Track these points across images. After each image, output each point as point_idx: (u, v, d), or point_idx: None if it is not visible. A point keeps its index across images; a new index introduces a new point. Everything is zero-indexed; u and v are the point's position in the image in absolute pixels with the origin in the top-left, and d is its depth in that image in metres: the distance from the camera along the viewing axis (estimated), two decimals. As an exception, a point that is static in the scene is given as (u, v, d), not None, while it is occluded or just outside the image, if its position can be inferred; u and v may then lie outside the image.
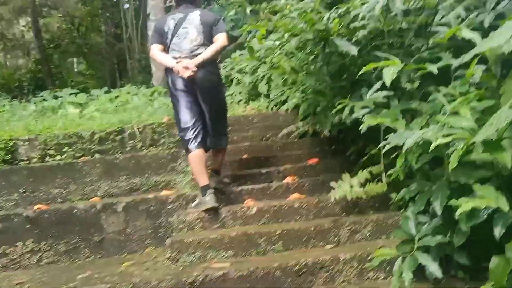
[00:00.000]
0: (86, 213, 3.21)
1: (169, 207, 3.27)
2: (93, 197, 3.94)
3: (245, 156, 4.11)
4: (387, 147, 2.07)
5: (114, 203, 3.26)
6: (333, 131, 3.78)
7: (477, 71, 2.18)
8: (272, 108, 5.53)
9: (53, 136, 4.83)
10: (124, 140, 4.99)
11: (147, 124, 5.04)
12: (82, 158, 4.33)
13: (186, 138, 3.17)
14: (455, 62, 2.32)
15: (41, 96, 8.14)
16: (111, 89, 8.73)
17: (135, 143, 4.98)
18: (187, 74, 3.05)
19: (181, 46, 3.15)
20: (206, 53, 3.11)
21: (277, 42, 3.39)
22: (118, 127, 4.99)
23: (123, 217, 3.21)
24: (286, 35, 3.29)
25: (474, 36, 2.16)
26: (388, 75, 2.03)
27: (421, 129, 2.09)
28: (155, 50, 3.24)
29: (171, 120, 5.16)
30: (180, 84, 3.13)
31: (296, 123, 4.60)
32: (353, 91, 3.14)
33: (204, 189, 3.02)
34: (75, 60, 15.57)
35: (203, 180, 3.05)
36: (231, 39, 9.87)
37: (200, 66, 3.09)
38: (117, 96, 7.71)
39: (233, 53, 7.88)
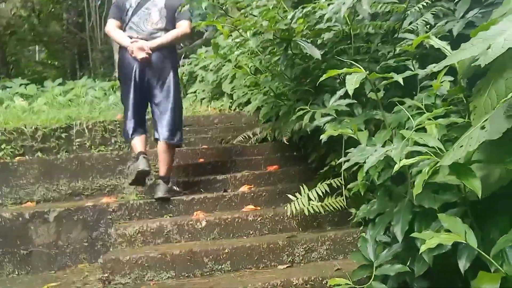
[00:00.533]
0: (12, 222, 2.85)
1: (109, 217, 2.95)
2: (26, 202, 3.56)
3: (201, 160, 3.84)
4: (347, 164, 1.86)
5: (46, 212, 2.90)
6: (294, 138, 3.57)
7: (444, 83, 2.01)
8: (235, 108, 5.27)
9: (-11, 131, 4.39)
10: (71, 138, 4.60)
11: (97, 121, 4.67)
12: (18, 157, 3.92)
13: (127, 126, 3.12)
14: (421, 72, 2.14)
15: (-12, 85, 7.55)
16: (68, 81, 8.23)
17: (83, 141, 4.61)
18: (140, 55, 2.91)
19: (140, 26, 3.02)
20: (165, 37, 2.99)
21: (237, 40, 3.12)
22: (65, 124, 4.60)
23: (54, 227, 2.86)
24: (248, 34, 3.04)
25: (443, 45, 1.99)
26: (351, 83, 1.82)
27: (384, 144, 1.89)
28: (112, 26, 3.09)
29: (123, 118, 4.82)
30: (131, 66, 2.99)
31: (259, 126, 4.37)
32: (316, 95, 2.94)
33: (138, 155, 3.00)
34: (36, 48, 14.74)
35: (139, 148, 3.05)
36: (198, 34, 9.55)
37: (156, 49, 2.97)
38: (72, 88, 7.24)
39: (199, 49, 7.57)
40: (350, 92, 1.84)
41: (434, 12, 2.61)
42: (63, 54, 14.03)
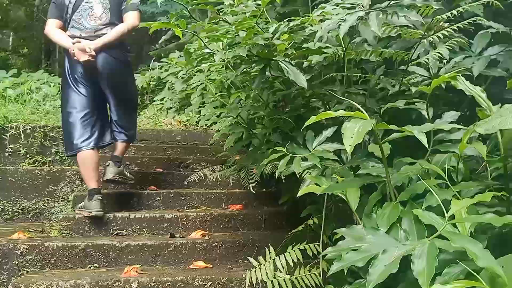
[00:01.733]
0: None
1: (15, 261, 2.22)
2: None
3: (151, 188, 3.16)
4: (337, 266, 1.24)
5: None
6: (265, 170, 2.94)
7: (476, 144, 1.44)
8: (202, 125, 4.61)
9: None
10: (4, 142, 3.82)
11: (38, 126, 3.91)
12: None
13: (71, 137, 2.67)
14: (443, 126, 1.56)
15: None
16: (27, 72, 7.35)
17: (17, 148, 3.83)
18: (83, 58, 2.58)
19: (82, 23, 2.69)
20: (110, 34, 2.65)
21: (206, 50, 2.50)
22: (-2, 125, 3.82)
23: None
24: (219, 44, 2.42)
25: (477, 92, 1.43)
26: (352, 136, 1.23)
27: (390, 228, 1.29)
28: (51, 26, 2.73)
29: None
30: (76, 69, 2.66)
31: (224, 152, 3.73)
32: (297, 127, 2.34)
33: (91, 193, 2.59)
34: (2, 34, 13.61)
35: (93, 183, 2.61)
36: (176, 37, 8.83)
37: (101, 49, 2.62)
38: (25, 82, 6.38)
39: (172, 53, 6.87)
40: (349, 149, 1.24)
41: (450, 47, 2.06)
42: (31, 42, 12.97)
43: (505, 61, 2.06)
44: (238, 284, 2.07)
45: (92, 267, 2.23)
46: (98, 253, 2.27)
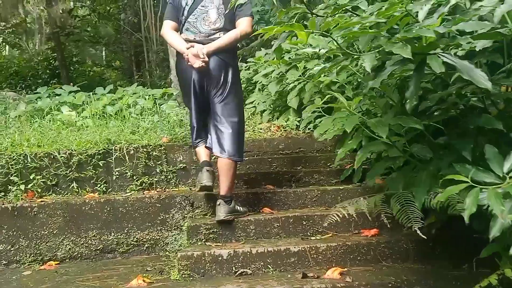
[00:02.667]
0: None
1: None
2: (48, 260, 2.72)
3: (265, 210, 2.79)
4: None
5: None
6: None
7: None
8: (304, 129, 4.17)
9: (18, 156, 3.64)
10: (109, 165, 3.74)
11: (140, 146, 3.77)
12: (39, 199, 3.07)
13: (192, 136, 2.90)
14: None
15: (38, 93, 6.99)
16: (120, 86, 7.53)
17: (124, 171, 3.73)
18: (197, 64, 2.57)
19: (197, 27, 2.67)
20: (223, 39, 2.62)
21: (323, 51, 2.03)
22: (103, 148, 3.75)
23: None
24: (340, 40, 1.93)
25: None
26: None
27: None
28: (167, 28, 2.74)
29: (171, 142, 3.88)
30: (189, 73, 2.66)
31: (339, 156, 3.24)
32: (462, 141, 1.77)
33: (201, 165, 2.79)
34: (96, 50, 14.50)
35: (203, 157, 2.82)
36: (256, 34, 8.51)
37: (213, 54, 2.61)
38: (121, 97, 6.49)
39: (258, 51, 6.50)
40: None
41: None
42: (121, 55, 13.62)
43: None
44: None
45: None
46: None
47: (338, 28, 1.65)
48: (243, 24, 2.64)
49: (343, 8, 1.90)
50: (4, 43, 14.61)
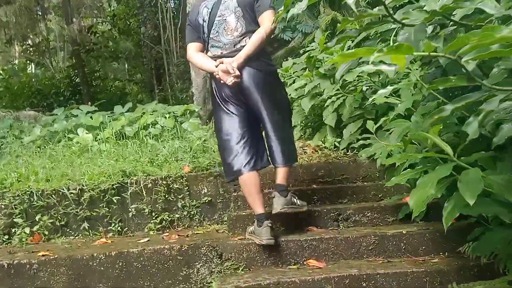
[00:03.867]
0: None
1: None
2: (50, 330, 2.25)
3: (310, 263, 2.24)
4: None
5: None
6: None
7: None
8: (344, 150, 3.58)
9: (23, 194, 3.22)
10: (125, 202, 3.27)
11: (159, 178, 3.29)
12: (40, 253, 2.59)
13: (230, 161, 2.48)
14: None
15: (55, 114, 6.65)
16: (140, 104, 7.13)
17: (141, 208, 3.25)
18: (229, 81, 2.34)
19: (221, 40, 2.43)
20: (249, 46, 2.36)
21: (389, 69, 1.47)
22: (117, 182, 3.28)
23: None
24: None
25: None
26: None
27: None
28: (192, 51, 2.53)
29: (194, 172, 3.38)
30: (225, 92, 2.44)
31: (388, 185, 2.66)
32: None
33: (260, 219, 2.39)
34: (126, 65, 14.28)
35: (259, 208, 2.42)
36: (281, 42, 7.96)
37: (243, 64, 2.36)
38: (141, 116, 6.07)
39: (284, 61, 5.96)
40: None
41: None
42: (141, 69, 13.34)
43: None
44: None
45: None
46: None
47: (472, 48, 1.07)
48: (267, 20, 2.34)
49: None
50: (28, 61, 14.60)
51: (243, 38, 2.39)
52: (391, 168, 2.91)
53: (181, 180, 3.28)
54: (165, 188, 3.26)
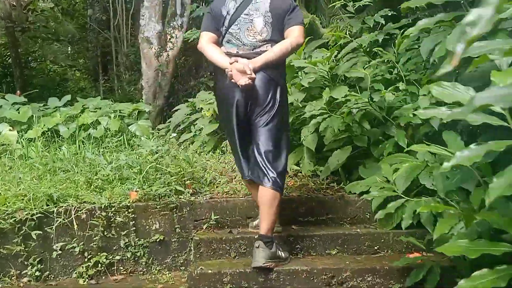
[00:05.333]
0: None
1: None
2: None
3: None
4: None
5: None
6: None
7: None
8: (326, 180, 3.00)
9: None
10: (48, 237, 2.47)
11: (98, 207, 2.51)
12: None
13: (238, 167, 2.32)
14: None
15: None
16: (80, 98, 6.11)
17: (71, 247, 2.46)
18: (242, 81, 2.09)
19: (240, 38, 2.23)
20: (273, 52, 2.16)
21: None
22: (39, 211, 2.46)
23: None
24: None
25: None
26: None
27: None
28: (205, 41, 2.27)
29: (143, 200, 2.64)
30: (232, 92, 2.19)
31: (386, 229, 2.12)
32: None
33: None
34: (57, 46, 12.75)
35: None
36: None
37: (260, 69, 2.14)
38: (80, 113, 5.12)
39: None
40: None
41: None
42: (85, 54, 12.02)
43: None
44: None
45: None
46: None
47: None
48: (296, 33, 2.18)
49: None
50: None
51: (265, 44, 2.22)
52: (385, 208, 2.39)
53: (126, 211, 2.53)
54: (105, 222, 2.49)
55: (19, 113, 5.11)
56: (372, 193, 2.35)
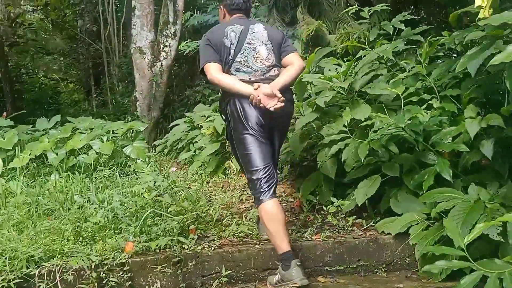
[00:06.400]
0: None
1: None
2: None
3: None
4: None
5: None
6: None
7: None
8: (353, 218, 2.57)
9: None
10: (29, 306, 2.01)
11: (86, 266, 2.06)
12: None
13: (257, 189, 2.14)
14: None
15: (-47, 129, 4.99)
16: (69, 117, 5.64)
17: (54, 318, 2.01)
18: (273, 104, 2.08)
19: (250, 66, 2.25)
20: (288, 75, 2.24)
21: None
22: (17, 275, 2.01)
23: None
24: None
25: None
26: None
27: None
28: (216, 71, 2.21)
29: (142, 254, 2.19)
30: (254, 117, 2.17)
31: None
32: None
33: (285, 258, 1.97)
34: (48, 58, 12.23)
35: (284, 245, 2.00)
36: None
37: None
38: (71, 135, 4.66)
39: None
40: None
41: None
42: (77, 67, 11.51)
43: None
44: None
45: None
46: None
47: None
48: (297, 59, 2.32)
49: None
50: None
51: (272, 69, 2.30)
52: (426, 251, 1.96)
53: (121, 270, 2.08)
54: (96, 284, 2.05)
55: (4, 138, 4.63)
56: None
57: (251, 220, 2.58)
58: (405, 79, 2.60)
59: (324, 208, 2.61)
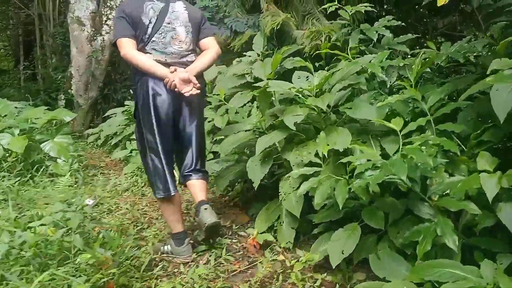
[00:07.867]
0: None
1: None
2: None
3: None
4: None
5: None
6: None
7: None
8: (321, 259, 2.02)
9: None
10: None
11: None
12: None
13: (161, 180, 2.11)
14: None
15: None
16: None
17: None
18: (188, 89, 2.05)
19: (166, 46, 2.13)
20: (204, 62, 2.17)
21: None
22: None
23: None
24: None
25: None
26: None
27: None
28: (130, 48, 2.06)
29: None
30: (165, 101, 2.10)
31: None
32: None
33: (180, 237, 2.14)
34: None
35: (180, 226, 2.16)
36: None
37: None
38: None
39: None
40: None
41: None
42: (5, 33, 9.90)
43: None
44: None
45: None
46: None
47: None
48: (214, 44, 2.25)
49: None
50: None
51: (190, 54, 2.20)
52: None
53: None
54: None
55: None
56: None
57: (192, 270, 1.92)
58: (396, 103, 2.04)
59: (285, 253, 2.01)
